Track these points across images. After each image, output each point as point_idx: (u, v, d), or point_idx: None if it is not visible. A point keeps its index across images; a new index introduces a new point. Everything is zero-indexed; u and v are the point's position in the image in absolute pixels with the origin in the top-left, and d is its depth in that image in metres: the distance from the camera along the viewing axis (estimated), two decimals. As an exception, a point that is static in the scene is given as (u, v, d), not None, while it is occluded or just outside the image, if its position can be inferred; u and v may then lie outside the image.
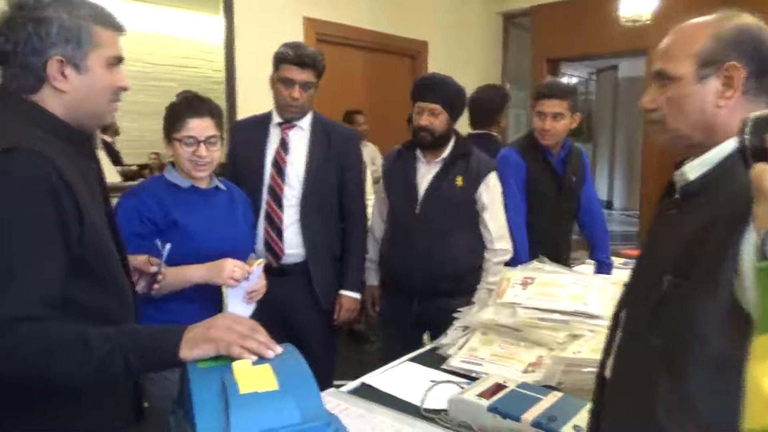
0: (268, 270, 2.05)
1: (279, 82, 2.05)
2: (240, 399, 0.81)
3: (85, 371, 0.93)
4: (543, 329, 1.69)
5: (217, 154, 1.68)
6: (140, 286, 1.39)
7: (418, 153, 2.23)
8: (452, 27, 5.19)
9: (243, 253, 1.78)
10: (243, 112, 3.45)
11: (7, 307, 0.90)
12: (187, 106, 1.66)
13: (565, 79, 6.14)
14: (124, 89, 1.13)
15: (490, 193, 2.20)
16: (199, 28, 3.53)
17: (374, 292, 2.36)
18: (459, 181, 2.17)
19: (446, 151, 2.20)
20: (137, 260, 1.36)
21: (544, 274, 1.91)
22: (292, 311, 2.11)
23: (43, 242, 0.95)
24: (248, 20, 3.69)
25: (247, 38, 3.68)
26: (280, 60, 2.04)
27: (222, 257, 1.60)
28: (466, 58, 5.29)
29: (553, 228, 2.49)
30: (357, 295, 2.19)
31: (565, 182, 2.47)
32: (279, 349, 0.96)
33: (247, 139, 2.15)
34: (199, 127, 1.64)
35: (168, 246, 1.42)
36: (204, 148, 1.64)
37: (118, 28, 1.11)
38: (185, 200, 1.67)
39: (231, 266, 1.59)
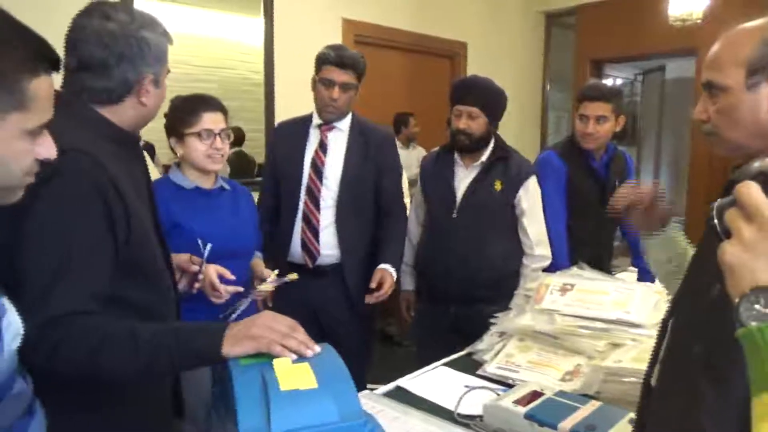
0: (303, 270, 2.10)
1: (320, 82, 2.10)
2: (280, 396, 0.85)
3: (132, 367, 0.98)
4: (582, 337, 1.68)
5: (227, 147, 1.76)
6: (182, 284, 1.45)
7: (457, 156, 2.24)
8: (492, 27, 5.17)
9: (248, 253, 1.83)
10: (281, 114, 3.51)
11: (58, 303, 0.95)
12: (199, 101, 1.73)
13: (609, 81, 6.04)
14: None
15: (530, 198, 2.20)
16: (240, 30, 3.61)
17: (409, 297, 2.37)
18: (497, 185, 2.17)
19: (485, 155, 2.20)
20: (179, 259, 1.42)
21: (584, 280, 1.89)
22: (326, 312, 2.15)
23: (92, 240, 1.01)
24: (287, 22, 3.76)
25: (286, 40, 3.74)
26: (321, 61, 2.09)
27: (228, 257, 1.62)
28: (506, 59, 5.26)
29: (595, 234, 2.47)
30: (394, 271, 2.12)
31: (608, 187, 2.44)
32: (318, 348, 0.99)
33: (287, 140, 2.20)
34: (214, 120, 1.72)
35: (209, 246, 1.47)
36: (219, 140, 1.72)
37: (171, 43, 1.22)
38: (190, 201, 1.72)
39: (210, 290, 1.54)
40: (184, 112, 1.71)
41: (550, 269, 2.18)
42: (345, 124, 2.16)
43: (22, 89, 0.79)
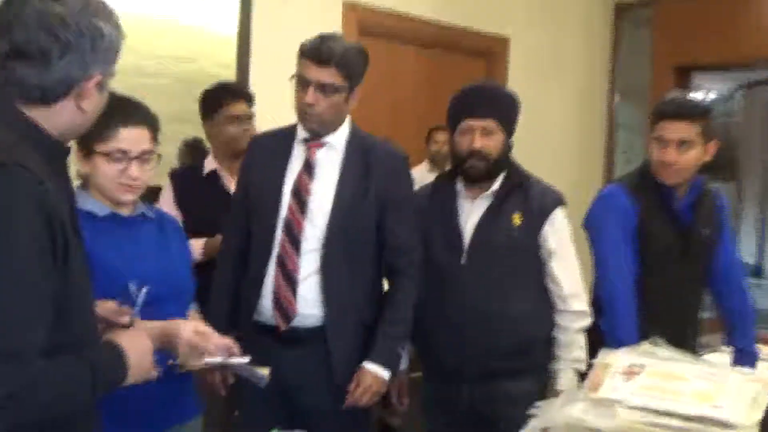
0: (273, 334, 2.11)
1: (296, 79, 2.14)
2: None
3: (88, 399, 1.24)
4: (653, 439, 1.67)
5: (150, 174, 1.79)
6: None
7: (459, 186, 2.29)
8: (543, 18, 5.26)
9: (183, 300, 1.87)
10: (256, 123, 3.57)
11: (12, 340, 1.07)
12: (116, 109, 1.70)
13: (699, 95, 6.10)
14: None
15: (558, 234, 2.25)
16: (206, 12, 3.69)
17: (401, 379, 2.37)
18: (516, 218, 2.22)
19: (497, 182, 2.25)
20: (104, 307, 1.45)
21: (659, 361, 1.90)
22: (302, 394, 2.14)
23: (41, 276, 1.11)
24: (271, 6, 3.84)
25: (267, 28, 3.82)
26: (299, 52, 2.14)
27: (158, 305, 1.64)
28: (560, 62, 5.35)
29: (675, 299, 2.48)
30: (385, 373, 2.15)
31: (693, 236, 2.46)
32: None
33: (264, 159, 2.24)
34: (133, 138, 1.74)
35: (144, 290, 1.49)
36: (136, 166, 1.74)
37: None
38: (104, 231, 1.74)
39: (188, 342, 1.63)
40: (96, 121, 1.74)
41: (612, 344, 2.17)
42: (340, 139, 2.20)
43: None
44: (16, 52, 1.16)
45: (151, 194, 2.67)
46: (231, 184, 2.70)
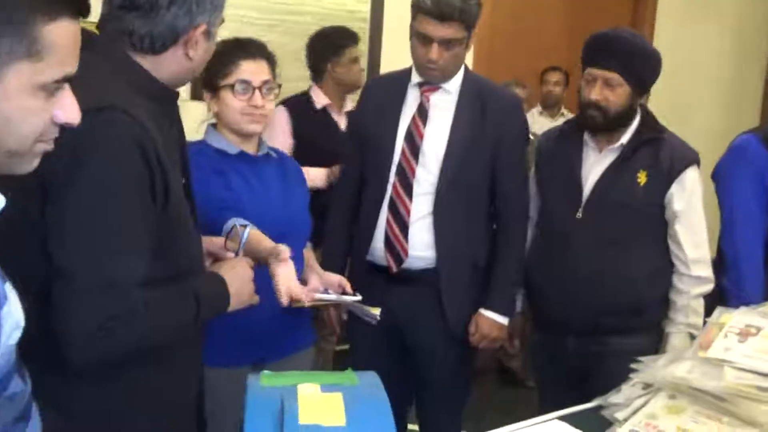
0: (385, 275, 2.17)
1: (415, 36, 2.12)
2: (296, 429, 0.90)
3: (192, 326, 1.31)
4: (762, 403, 1.60)
5: (272, 105, 1.88)
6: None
7: (587, 136, 2.22)
8: (699, -47, 4.96)
9: (300, 237, 1.93)
10: (388, 61, 3.57)
11: (115, 271, 1.14)
12: (236, 45, 1.84)
13: None
14: None
15: (687, 196, 2.14)
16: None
17: (515, 322, 2.37)
18: (642, 176, 2.13)
19: (626, 135, 2.17)
20: (212, 243, 1.56)
21: (778, 324, 1.80)
22: (412, 333, 2.20)
23: (139, 212, 1.18)
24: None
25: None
26: (415, 8, 2.10)
27: (278, 239, 1.70)
28: (715, 1, 5.04)
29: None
30: (502, 319, 2.21)
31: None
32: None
33: (378, 103, 2.27)
34: (254, 70, 1.83)
35: (248, 229, 1.57)
36: (260, 95, 1.82)
37: None
38: (235, 169, 1.85)
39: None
40: (217, 60, 1.79)
41: (734, 302, 2.08)
42: (454, 84, 2.18)
43: (34, 34, 0.88)
44: (128, 3, 1.23)
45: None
46: (339, 120, 3.00)
